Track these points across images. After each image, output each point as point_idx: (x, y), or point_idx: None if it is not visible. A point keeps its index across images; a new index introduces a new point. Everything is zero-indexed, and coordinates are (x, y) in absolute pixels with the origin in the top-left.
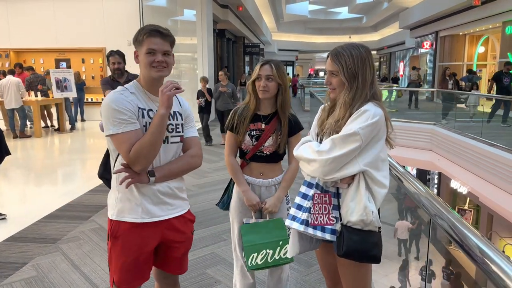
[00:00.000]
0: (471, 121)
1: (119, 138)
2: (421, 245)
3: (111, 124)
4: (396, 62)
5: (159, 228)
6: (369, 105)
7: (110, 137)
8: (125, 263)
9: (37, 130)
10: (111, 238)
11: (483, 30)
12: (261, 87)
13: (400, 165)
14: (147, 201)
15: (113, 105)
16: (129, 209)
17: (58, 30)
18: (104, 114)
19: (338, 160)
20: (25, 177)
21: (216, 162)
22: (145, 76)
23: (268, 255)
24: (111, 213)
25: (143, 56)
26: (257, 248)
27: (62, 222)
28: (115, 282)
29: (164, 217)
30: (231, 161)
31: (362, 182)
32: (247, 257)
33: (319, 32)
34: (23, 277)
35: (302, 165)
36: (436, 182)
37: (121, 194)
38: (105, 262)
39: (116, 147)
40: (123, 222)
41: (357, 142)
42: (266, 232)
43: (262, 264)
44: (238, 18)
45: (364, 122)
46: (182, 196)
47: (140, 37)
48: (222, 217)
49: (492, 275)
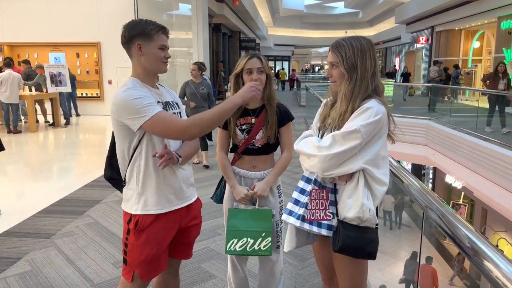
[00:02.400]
0: (465, 116)
1: (160, 117)
2: (403, 216)
3: (141, 112)
4: (392, 57)
5: (177, 216)
6: (372, 102)
7: (148, 122)
8: (149, 255)
9: (32, 125)
10: (136, 232)
11: (479, 25)
12: (252, 80)
13: (394, 160)
14: (169, 191)
15: (131, 98)
16: (153, 201)
17: (52, 24)
18: (126, 111)
19: (338, 156)
20: (20, 172)
21: (211, 157)
22: (149, 69)
23: (248, 243)
24: (135, 208)
25: (156, 51)
26: (238, 234)
27: (57, 217)
28: (137, 275)
29: (183, 204)
30: (221, 157)
31: (361, 179)
32: (228, 241)
33: (315, 27)
34: (17, 272)
35: (302, 159)
36: (431, 177)
37: (141, 189)
38: (100, 256)
39: (157, 128)
40: (149, 216)
41: (358, 139)
42: (252, 220)
43: (240, 251)
44: (234, 13)
45: (366, 120)
46: (193, 183)
47: (151, 31)
48: (217, 211)
49: (483, 267)
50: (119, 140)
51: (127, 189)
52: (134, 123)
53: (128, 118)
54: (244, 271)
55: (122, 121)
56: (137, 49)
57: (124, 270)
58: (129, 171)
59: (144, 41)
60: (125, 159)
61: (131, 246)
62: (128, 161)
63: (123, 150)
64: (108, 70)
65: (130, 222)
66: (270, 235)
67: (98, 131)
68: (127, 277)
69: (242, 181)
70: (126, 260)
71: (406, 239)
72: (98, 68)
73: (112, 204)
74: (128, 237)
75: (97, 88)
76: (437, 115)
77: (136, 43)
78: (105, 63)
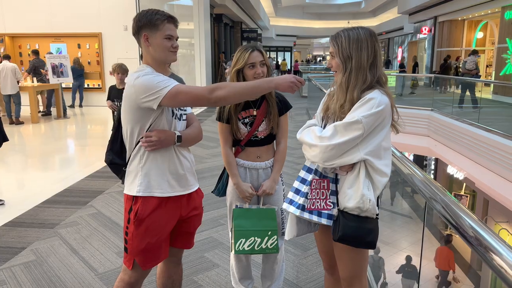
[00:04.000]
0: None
1: (180, 86)
2: (404, 206)
3: (161, 85)
4: (394, 47)
5: (178, 204)
6: (375, 92)
7: (170, 92)
8: (149, 244)
9: (34, 116)
10: (136, 222)
11: (482, 15)
12: (256, 74)
13: (397, 150)
14: (172, 176)
15: (149, 76)
16: (156, 183)
17: (53, 14)
18: (145, 89)
19: (339, 147)
20: (23, 163)
21: (213, 148)
22: (157, 59)
23: (256, 242)
24: (137, 189)
25: (162, 40)
26: (246, 234)
27: (61, 207)
28: (137, 263)
29: (184, 192)
30: (227, 153)
31: (362, 170)
32: (236, 241)
33: (318, 17)
34: (22, 261)
35: (304, 148)
36: (433, 168)
37: (145, 171)
38: (104, 246)
39: (181, 96)
40: (151, 199)
41: (359, 130)
42: (257, 220)
43: (248, 250)
44: (236, 3)
45: (368, 111)
46: (194, 173)
47: (157, 21)
48: (219, 202)
49: (486, 256)
50: (130, 122)
51: (129, 171)
52: (155, 99)
53: (147, 96)
54: (247, 260)
55: (140, 102)
56: (144, 39)
57: (125, 258)
58: (135, 152)
59: (150, 31)
60: (132, 142)
61: (131, 235)
62: (135, 143)
63: (132, 132)
64: (109, 61)
65: (131, 211)
66: (276, 233)
67: (100, 122)
68: (127, 265)
69: (247, 172)
70: (127, 248)
71: (408, 229)
72: (99, 59)
73: (115, 194)
74: (128, 226)
75: (99, 79)
76: (439, 106)
77: (143, 34)
78: (107, 54)
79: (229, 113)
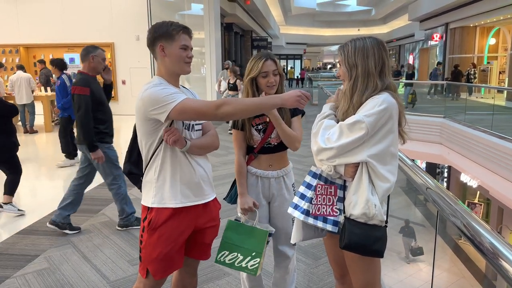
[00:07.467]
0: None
1: (188, 100)
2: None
3: (169, 99)
4: (405, 55)
5: (193, 215)
6: (382, 94)
7: (177, 107)
8: (161, 253)
9: (47, 124)
10: (149, 230)
11: (494, 21)
12: (269, 83)
13: (409, 158)
14: (186, 186)
15: (158, 89)
16: (170, 194)
17: (67, 25)
18: (153, 102)
19: (343, 147)
20: (36, 171)
21: (224, 156)
22: (171, 69)
23: (237, 259)
24: (151, 200)
25: (178, 51)
26: (230, 248)
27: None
28: (150, 272)
29: (200, 201)
30: (239, 160)
31: (365, 175)
32: (220, 251)
33: (328, 25)
34: (35, 269)
35: (312, 143)
36: (446, 176)
37: (160, 182)
38: (116, 254)
39: (188, 111)
40: (165, 210)
41: (363, 130)
42: (246, 237)
43: (228, 264)
44: (246, 12)
45: (370, 110)
46: (211, 182)
47: (173, 31)
48: (230, 210)
49: (502, 270)
50: (143, 134)
51: (145, 181)
52: (162, 113)
53: (155, 109)
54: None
55: (149, 115)
56: (160, 50)
57: (140, 266)
58: (150, 164)
59: (166, 42)
60: (148, 154)
61: (145, 243)
62: (150, 155)
63: (146, 144)
64: (122, 71)
65: (146, 219)
66: (259, 256)
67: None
68: (142, 273)
69: (259, 181)
70: (141, 257)
71: (420, 238)
72: (112, 68)
73: None
74: (143, 234)
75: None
76: (451, 113)
77: (159, 45)
78: (119, 64)
79: (243, 120)
